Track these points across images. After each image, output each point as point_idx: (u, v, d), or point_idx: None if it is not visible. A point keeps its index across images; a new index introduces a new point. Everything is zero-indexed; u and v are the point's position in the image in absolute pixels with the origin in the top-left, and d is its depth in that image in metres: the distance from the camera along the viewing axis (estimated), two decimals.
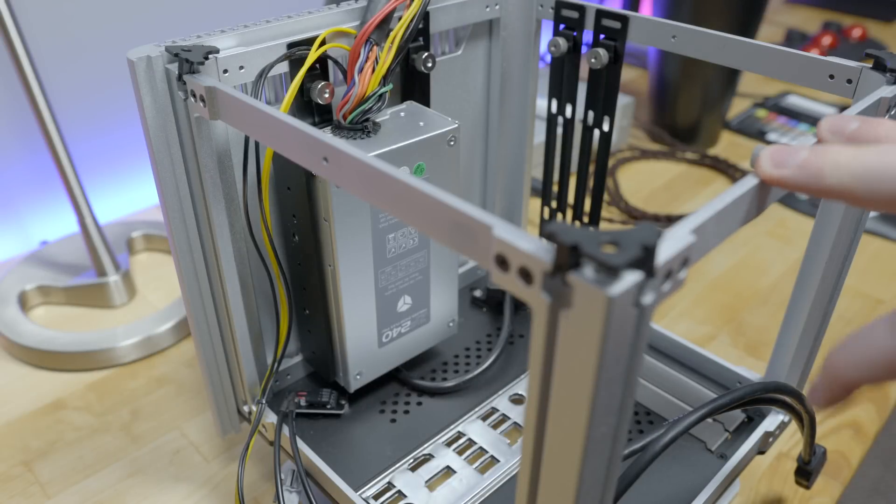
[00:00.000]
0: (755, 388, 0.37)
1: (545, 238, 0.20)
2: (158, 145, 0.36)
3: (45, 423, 0.54)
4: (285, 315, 0.43)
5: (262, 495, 0.48)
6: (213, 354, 0.43)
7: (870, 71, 0.35)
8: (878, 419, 0.54)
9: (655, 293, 0.20)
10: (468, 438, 0.46)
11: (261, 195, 0.39)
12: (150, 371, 0.59)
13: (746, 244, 0.74)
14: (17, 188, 0.71)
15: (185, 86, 0.33)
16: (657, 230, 0.20)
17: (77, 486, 0.49)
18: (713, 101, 0.88)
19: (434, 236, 0.24)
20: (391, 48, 0.38)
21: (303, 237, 0.42)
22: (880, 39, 1.25)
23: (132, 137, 0.75)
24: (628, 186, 0.84)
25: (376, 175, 0.25)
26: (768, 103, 1.03)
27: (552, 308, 0.20)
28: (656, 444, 0.34)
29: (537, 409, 0.22)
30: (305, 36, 0.38)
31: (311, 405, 0.45)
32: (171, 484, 0.49)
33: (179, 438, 0.52)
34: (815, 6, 1.46)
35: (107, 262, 0.64)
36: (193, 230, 0.39)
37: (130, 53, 0.34)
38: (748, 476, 0.49)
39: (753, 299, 0.67)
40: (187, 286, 0.40)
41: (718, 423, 0.45)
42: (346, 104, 0.38)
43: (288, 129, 0.28)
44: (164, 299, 0.65)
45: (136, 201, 0.79)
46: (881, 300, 0.67)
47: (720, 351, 0.60)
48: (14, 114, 0.67)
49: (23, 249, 0.72)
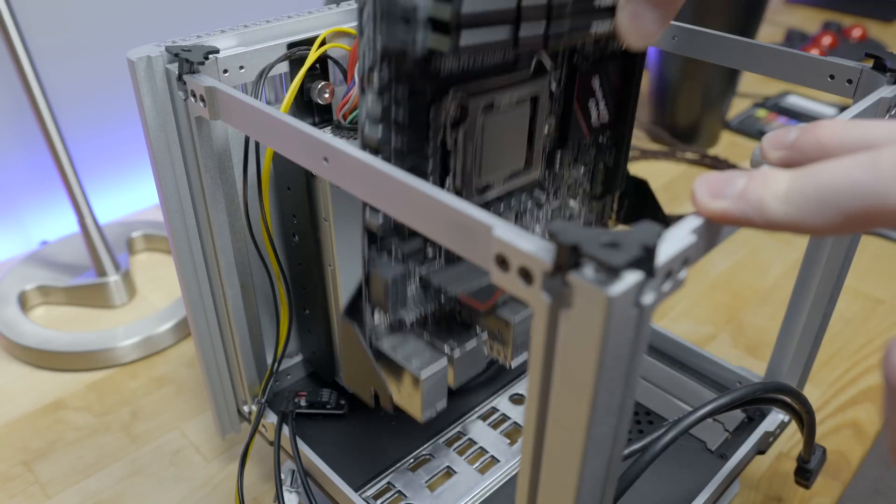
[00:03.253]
0: (755, 388, 0.37)
1: (545, 238, 0.20)
2: (158, 145, 0.36)
3: (45, 423, 0.54)
4: (285, 315, 0.43)
5: (262, 495, 0.48)
6: (213, 354, 0.43)
7: (870, 71, 0.35)
8: (878, 419, 0.54)
9: (655, 293, 0.20)
10: (468, 438, 0.46)
11: (261, 195, 0.39)
12: (150, 371, 0.59)
13: (746, 244, 0.74)
14: (17, 188, 0.71)
15: (185, 86, 0.33)
16: (657, 230, 0.20)
17: (77, 486, 0.49)
18: (713, 101, 0.88)
19: (434, 236, 0.24)
20: None
21: (303, 237, 0.42)
22: (880, 39, 1.25)
23: (132, 137, 0.75)
24: None
25: (376, 175, 0.25)
26: (768, 103, 1.03)
27: (552, 308, 0.20)
28: (656, 444, 0.34)
29: (537, 409, 0.22)
30: (305, 36, 0.38)
31: (311, 405, 0.45)
32: (171, 484, 0.49)
33: (179, 438, 0.52)
34: (815, 6, 1.46)
35: (107, 262, 0.64)
36: (193, 230, 0.39)
37: (130, 53, 0.34)
38: (748, 476, 0.49)
39: (753, 299, 0.67)
40: (187, 286, 0.40)
41: (718, 423, 0.45)
42: (346, 104, 0.38)
43: (288, 129, 0.28)
44: (164, 299, 0.65)
45: (136, 201, 0.79)
46: (881, 300, 0.67)
47: (720, 351, 0.60)
48: (14, 114, 0.67)
49: (23, 249, 0.72)
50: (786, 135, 0.25)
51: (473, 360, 0.36)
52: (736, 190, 0.22)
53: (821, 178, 0.21)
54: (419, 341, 0.35)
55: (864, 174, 0.21)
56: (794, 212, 0.21)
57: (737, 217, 0.22)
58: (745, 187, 0.22)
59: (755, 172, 0.23)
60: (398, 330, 0.35)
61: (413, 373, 0.33)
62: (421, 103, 0.30)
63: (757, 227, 0.22)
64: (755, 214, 0.22)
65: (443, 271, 0.34)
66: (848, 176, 0.21)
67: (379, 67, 0.28)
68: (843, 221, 0.21)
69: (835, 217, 0.21)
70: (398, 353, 0.34)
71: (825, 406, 0.55)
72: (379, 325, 0.34)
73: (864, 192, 0.20)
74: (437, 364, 0.33)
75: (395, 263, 0.32)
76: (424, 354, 0.34)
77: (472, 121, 0.32)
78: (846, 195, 0.21)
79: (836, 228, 0.21)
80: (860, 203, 0.21)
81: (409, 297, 0.34)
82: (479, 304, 0.34)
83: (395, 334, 0.35)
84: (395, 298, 0.32)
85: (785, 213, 0.22)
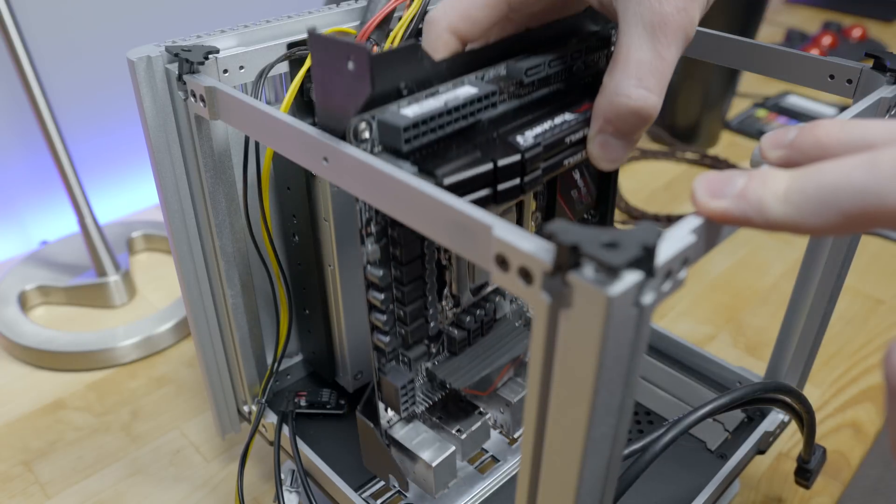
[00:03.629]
0: (755, 388, 0.37)
1: (545, 238, 0.20)
2: (158, 145, 0.36)
3: (45, 423, 0.54)
4: (285, 315, 0.43)
5: (262, 495, 0.48)
6: (213, 354, 0.43)
7: (870, 71, 0.35)
8: (878, 419, 0.54)
9: (655, 293, 0.20)
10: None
11: (261, 195, 0.39)
12: (150, 371, 0.59)
13: (746, 244, 0.74)
14: (17, 188, 0.71)
15: (185, 86, 0.33)
16: (657, 230, 0.20)
17: (77, 486, 0.49)
18: (713, 101, 0.88)
19: (434, 236, 0.24)
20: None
21: (303, 237, 0.42)
22: (880, 39, 1.25)
23: (132, 137, 0.74)
24: (628, 186, 0.84)
25: (376, 175, 0.25)
26: (768, 103, 1.03)
27: (552, 308, 0.20)
28: (656, 444, 0.34)
29: (537, 409, 0.22)
30: (305, 36, 0.38)
31: (311, 405, 0.45)
32: (171, 484, 0.49)
33: (179, 438, 0.52)
34: (815, 6, 1.46)
35: (107, 262, 0.64)
36: (193, 230, 0.39)
37: (130, 53, 0.34)
38: (748, 476, 0.49)
39: (753, 299, 0.67)
40: (187, 286, 0.40)
41: (718, 423, 0.45)
42: None
43: (288, 129, 0.28)
44: (164, 299, 0.65)
45: (136, 201, 0.79)
46: (881, 300, 0.67)
47: (720, 351, 0.60)
48: (14, 114, 0.67)
49: (23, 249, 0.72)
50: (785, 134, 0.25)
51: (479, 437, 0.40)
52: (735, 189, 0.22)
53: (820, 178, 0.21)
54: (429, 427, 0.39)
55: (863, 174, 0.21)
56: (793, 212, 0.21)
57: (736, 217, 0.22)
58: (744, 187, 0.22)
59: (755, 172, 0.23)
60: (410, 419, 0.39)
61: (426, 461, 0.37)
62: (415, 238, 0.33)
63: (756, 227, 0.22)
64: (754, 214, 0.22)
65: (446, 364, 0.38)
66: (847, 176, 0.21)
67: (375, 220, 0.31)
68: (843, 222, 0.21)
69: (834, 217, 0.21)
70: (411, 442, 0.38)
71: (825, 406, 0.55)
72: (392, 418, 0.38)
73: (863, 192, 0.20)
74: (446, 450, 0.37)
75: (403, 368, 0.36)
76: (434, 441, 0.38)
77: None
78: (845, 195, 0.21)
79: (836, 229, 0.21)
80: (859, 203, 0.21)
81: (417, 390, 0.37)
82: (482, 393, 0.38)
83: (407, 423, 0.39)
84: (405, 400, 0.36)
85: (784, 213, 0.22)
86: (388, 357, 0.36)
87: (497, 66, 0.33)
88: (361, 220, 0.31)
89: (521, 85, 0.33)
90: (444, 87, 0.31)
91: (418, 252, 0.34)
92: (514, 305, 0.42)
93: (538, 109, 0.33)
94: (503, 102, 0.33)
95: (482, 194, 0.29)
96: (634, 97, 0.29)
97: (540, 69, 0.33)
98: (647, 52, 0.28)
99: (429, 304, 0.35)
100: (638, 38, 0.28)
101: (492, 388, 0.38)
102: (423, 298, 0.35)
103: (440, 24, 0.31)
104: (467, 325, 0.38)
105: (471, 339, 0.38)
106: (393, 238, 0.32)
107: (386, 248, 0.33)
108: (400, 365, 0.36)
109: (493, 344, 0.39)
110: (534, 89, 0.34)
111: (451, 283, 0.36)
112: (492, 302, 0.39)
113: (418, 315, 0.35)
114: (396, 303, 0.34)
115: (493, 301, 0.39)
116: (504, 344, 0.39)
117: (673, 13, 0.28)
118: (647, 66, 0.28)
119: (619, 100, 0.29)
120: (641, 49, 0.28)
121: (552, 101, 0.34)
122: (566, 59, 0.34)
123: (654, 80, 0.29)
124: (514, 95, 0.34)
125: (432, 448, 0.38)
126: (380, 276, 0.33)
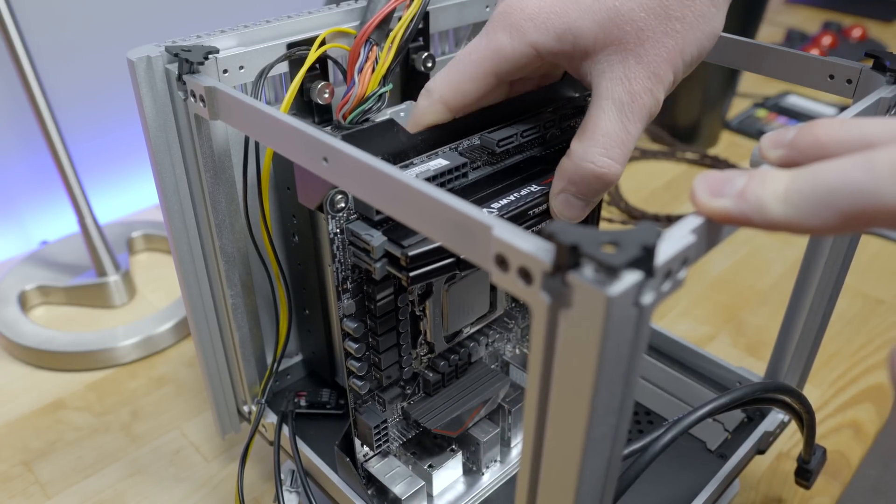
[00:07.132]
0: (755, 388, 0.37)
1: (545, 238, 0.20)
2: (158, 145, 0.36)
3: (45, 423, 0.54)
4: (285, 315, 0.43)
5: (262, 495, 0.48)
6: (213, 354, 0.43)
7: (870, 71, 0.35)
8: (878, 419, 0.54)
9: (655, 293, 0.20)
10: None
11: (261, 195, 0.39)
12: (150, 371, 0.59)
13: (746, 244, 0.74)
14: (17, 188, 0.71)
15: (185, 86, 0.33)
16: (657, 230, 0.20)
17: (77, 486, 0.49)
18: (713, 101, 0.88)
19: (434, 236, 0.24)
20: (391, 48, 0.38)
21: (303, 237, 0.42)
22: (880, 39, 1.25)
23: (132, 137, 0.74)
24: (628, 186, 0.84)
25: (376, 175, 0.25)
26: (768, 103, 1.03)
27: (552, 308, 0.20)
28: (656, 444, 0.34)
29: (537, 409, 0.22)
30: (305, 36, 0.38)
31: (311, 405, 0.45)
32: (171, 484, 0.49)
33: (179, 438, 0.52)
34: (815, 6, 1.46)
35: (107, 262, 0.64)
36: (193, 230, 0.39)
37: (130, 53, 0.34)
38: (748, 476, 0.49)
39: (753, 299, 0.67)
40: (187, 286, 0.40)
41: (718, 423, 0.45)
42: (346, 104, 0.38)
43: (288, 129, 0.28)
44: (164, 299, 0.65)
45: (136, 201, 0.79)
46: (881, 300, 0.67)
47: (720, 351, 0.60)
48: (14, 114, 0.67)
49: (23, 249, 0.72)
50: (784, 134, 0.25)
51: (450, 474, 0.42)
52: (735, 189, 0.23)
53: (819, 178, 0.21)
54: (403, 462, 0.41)
55: (861, 174, 0.21)
56: (792, 212, 0.22)
57: (736, 216, 0.23)
58: (744, 187, 0.22)
59: (754, 172, 0.23)
60: (385, 454, 0.41)
61: (397, 494, 0.39)
62: (388, 294, 0.35)
63: (756, 226, 0.22)
64: (754, 214, 0.22)
65: (421, 404, 0.40)
66: (846, 176, 0.21)
67: (351, 278, 0.34)
68: (842, 221, 0.21)
69: (833, 217, 0.21)
70: (384, 476, 0.40)
71: (825, 406, 0.55)
72: (368, 452, 0.40)
73: (862, 192, 0.21)
74: (416, 485, 0.39)
75: (378, 408, 0.39)
76: (405, 476, 0.40)
77: (437, 294, 0.37)
78: (844, 195, 0.21)
79: (835, 228, 0.21)
80: (858, 203, 0.21)
81: (392, 428, 0.40)
82: (453, 433, 0.40)
83: (382, 457, 0.41)
84: (378, 438, 0.39)
85: (783, 212, 0.22)
86: (363, 398, 0.38)
87: (471, 137, 0.36)
88: (338, 278, 0.34)
89: (493, 154, 0.36)
90: (420, 158, 0.34)
91: (392, 307, 0.36)
92: (489, 349, 0.44)
93: (510, 177, 0.36)
94: (476, 170, 0.36)
95: (447, 262, 0.31)
96: (599, 164, 0.31)
97: (512, 139, 0.35)
98: (615, 125, 0.31)
99: (403, 350, 0.38)
100: (608, 111, 0.31)
101: (462, 428, 0.40)
102: (398, 346, 0.37)
103: (433, 96, 0.34)
104: (441, 368, 0.40)
105: (445, 382, 0.41)
106: (368, 293, 0.35)
107: (361, 301, 0.35)
108: (375, 405, 0.39)
109: (468, 386, 0.41)
110: (507, 156, 0.37)
111: (426, 331, 0.38)
112: (466, 347, 0.41)
113: (392, 361, 0.37)
114: (371, 350, 0.37)
115: (467, 346, 0.41)
116: (478, 386, 0.41)
117: (641, 93, 0.30)
118: (613, 137, 0.31)
119: (584, 165, 0.31)
120: (610, 122, 0.31)
121: (524, 168, 0.37)
122: (540, 129, 0.37)
123: (619, 152, 0.31)
124: (487, 163, 0.36)
125: (404, 482, 0.39)
126: (354, 327, 0.35)
